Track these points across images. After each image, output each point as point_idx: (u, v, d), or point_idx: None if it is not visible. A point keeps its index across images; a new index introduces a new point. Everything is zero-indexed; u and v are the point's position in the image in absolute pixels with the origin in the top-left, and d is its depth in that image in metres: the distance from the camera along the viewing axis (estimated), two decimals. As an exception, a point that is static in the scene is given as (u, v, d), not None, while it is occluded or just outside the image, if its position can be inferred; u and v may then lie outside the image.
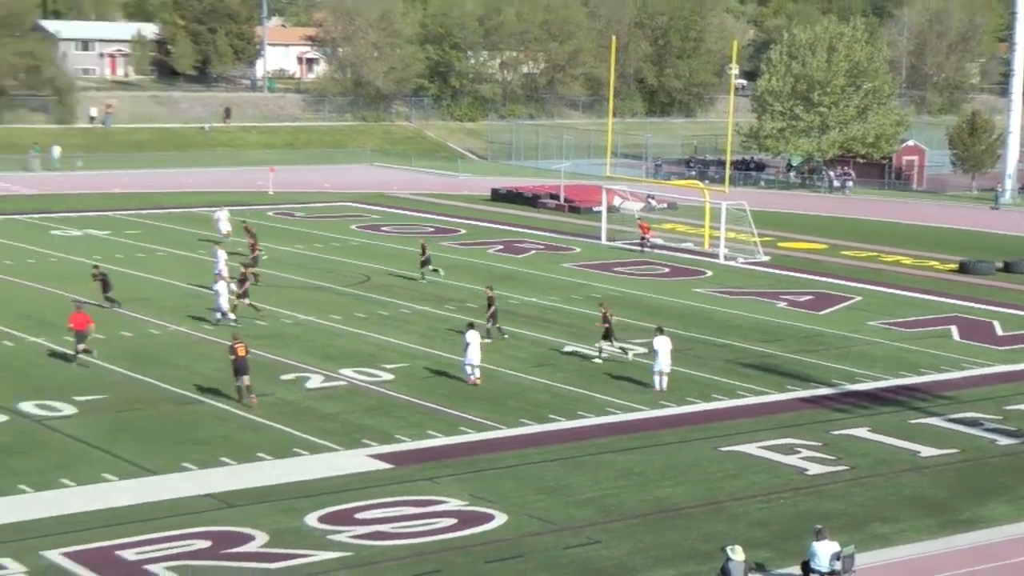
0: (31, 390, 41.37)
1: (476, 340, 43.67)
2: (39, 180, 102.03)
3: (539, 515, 31.75)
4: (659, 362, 43.61)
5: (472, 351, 43.51)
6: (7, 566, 27.72)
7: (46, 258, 66.03)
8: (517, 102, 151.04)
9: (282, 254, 69.14)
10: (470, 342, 43.50)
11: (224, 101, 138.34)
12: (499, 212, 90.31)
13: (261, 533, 29.97)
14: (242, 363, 40.58)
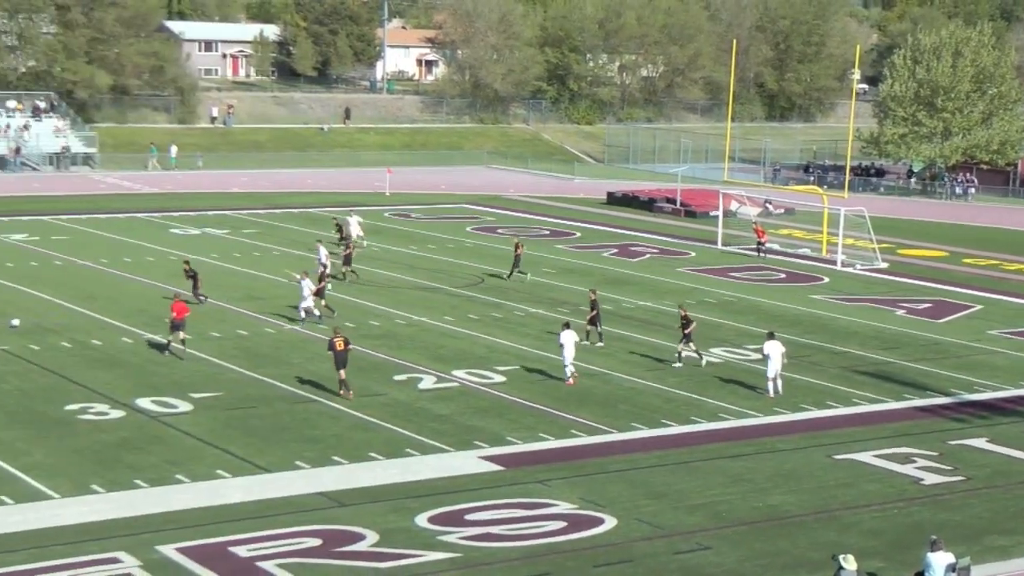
0: (148, 386, 41.87)
1: (571, 340, 43.80)
2: (159, 179, 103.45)
3: (649, 520, 31.55)
4: (771, 367, 43.29)
5: (567, 351, 43.75)
6: (122, 560, 28.01)
7: (165, 256, 66.86)
8: (635, 105, 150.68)
9: (397, 255, 69.48)
10: (564, 343, 43.80)
11: (343, 102, 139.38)
12: (614, 216, 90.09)
13: (372, 532, 30.05)
14: (341, 356, 40.99)
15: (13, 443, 35.72)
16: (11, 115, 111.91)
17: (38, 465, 33.99)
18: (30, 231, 73.55)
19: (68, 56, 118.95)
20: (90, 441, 36.19)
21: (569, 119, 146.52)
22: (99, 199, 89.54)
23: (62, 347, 46.78)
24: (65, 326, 49.96)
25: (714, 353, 49.12)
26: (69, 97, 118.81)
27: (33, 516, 30.37)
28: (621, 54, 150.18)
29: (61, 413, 38.75)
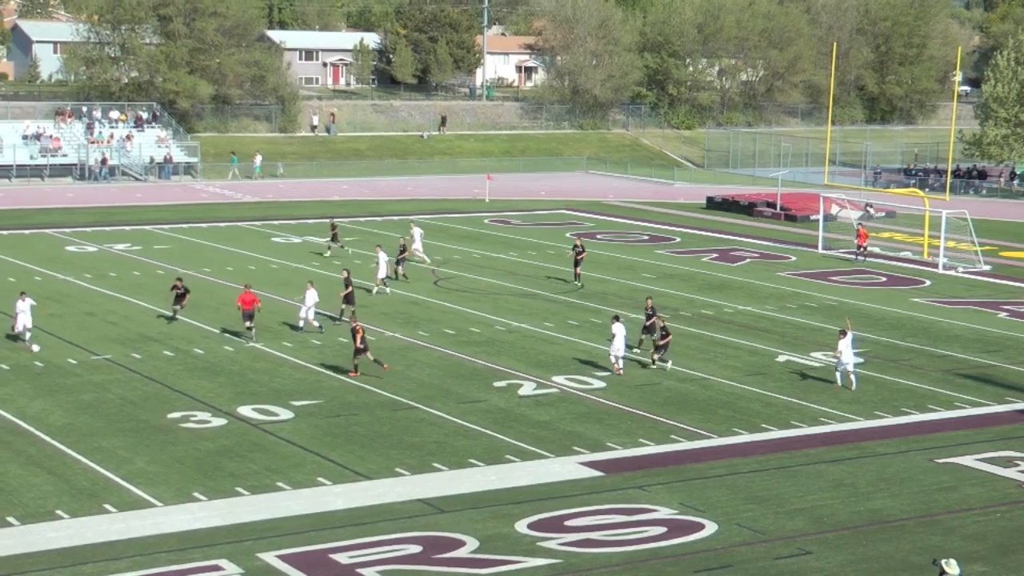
0: (249, 394, 42.16)
1: (621, 332, 45.15)
2: (260, 187, 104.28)
3: (749, 525, 31.28)
4: (843, 361, 43.80)
5: (617, 342, 45.09)
6: (225, 567, 28.18)
7: (267, 264, 67.35)
8: (735, 110, 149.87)
9: (497, 261, 69.54)
10: (616, 333, 45.11)
11: (443, 109, 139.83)
12: (714, 220, 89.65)
13: (471, 539, 30.02)
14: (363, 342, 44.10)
15: (116, 451, 36.10)
16: (114, 125, 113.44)
17: (141, 473, 34.31)
18: (132, 241, 74.43)
19: (170, 66, 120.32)
20: (192, 449, 36.49)
21: (668, 124, 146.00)
22: (201, 208, 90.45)
23: (164, 356, 47.24)
24: (167, 335, 50.44)
25: (815, 358, 48.67)
26: (171, 107, 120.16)
27: (136, 524, 30.65)
28: (720, 58, 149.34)
29: (163, 421, 39.12)
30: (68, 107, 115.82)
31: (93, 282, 61.35)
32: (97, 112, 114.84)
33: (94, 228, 79.10)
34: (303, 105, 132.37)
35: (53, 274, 63.20)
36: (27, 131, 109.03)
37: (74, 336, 49.58)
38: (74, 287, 60.17)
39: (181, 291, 51.91)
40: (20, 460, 35.18)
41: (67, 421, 38.85)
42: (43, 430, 37.88)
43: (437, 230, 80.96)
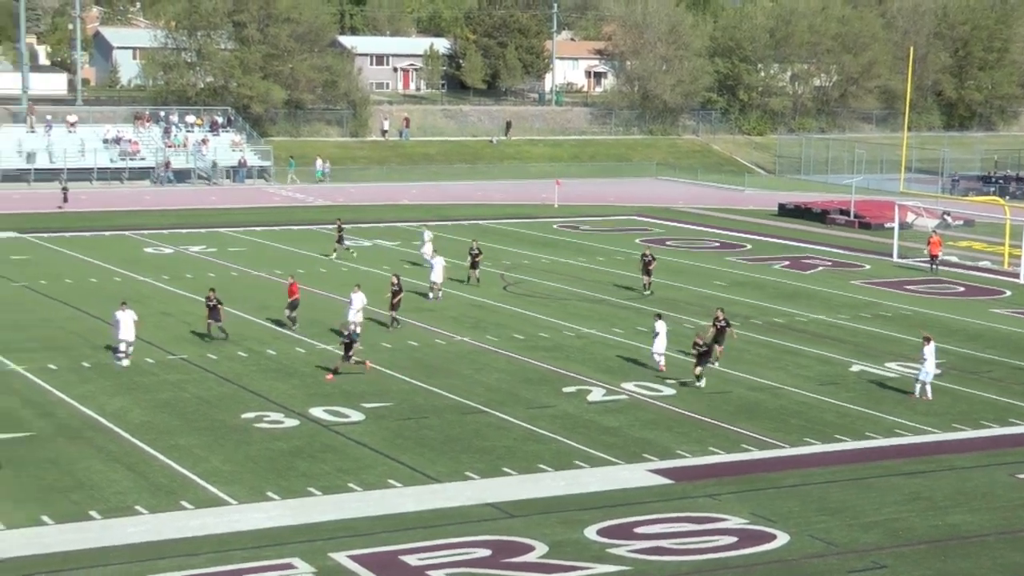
0: (321, 396, 42.48)
1: (663, 330, 46.33)
2: (332, 191, 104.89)
3: (822, 536, 31.18)
4: (925, 371, 43.59)
5: (659, 341, 46.08)
6: (297, 566, 28.46)
7: (337, 268, 67.77)
8: (807, 115, 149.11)
9: (565, 267, 69.65)
10: (658, 331, 46.09)
11: (512, 115, 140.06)
12: (786, 227, 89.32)
13: (541, 544, 30.11)
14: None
15: (192, 449, 36.52)
16: (190, 129, 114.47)
17: (216, 471, 34.70)
18: (208, 243, 75.13)
19: (244, 72, 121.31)
20: (265, 449, 36.84)
21: (739, 130, 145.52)
22: (273, 211, 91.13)
23: (238, 356, 47.68)
24: (241, 336, 50.88)
25: (890, 368, 48.45)
26: (245, 111, 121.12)
27: (212, 521, 31.01)
28: (793, 63, 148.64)
29: (237, 421, 39.51)
30: (146, 111, 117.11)
31: (170, 283, 62.01)
32: (174, 116, 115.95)
33: (171, 230, 79.91)
34: (374, 110, 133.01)
35: (131, 275, 63.95)
36: (107, 135, 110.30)
37: (152, 336, 50.09)
38: (151, 288, 60.84)
39: (214, 303, 49.48)
40: (101, 456, 35.70)
41: (145, 419, 39.34)
42: (123, 427, 38.41)
43: (506, 235, 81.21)
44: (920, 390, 43.96)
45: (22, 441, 36.91)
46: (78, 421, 39.07)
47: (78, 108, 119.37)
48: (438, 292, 59.35)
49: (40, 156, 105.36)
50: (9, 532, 29.97)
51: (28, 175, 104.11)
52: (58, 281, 61.78)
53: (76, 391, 42.26)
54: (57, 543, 29.31)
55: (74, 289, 59.92)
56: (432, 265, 59.47)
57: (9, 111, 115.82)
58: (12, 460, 35.15)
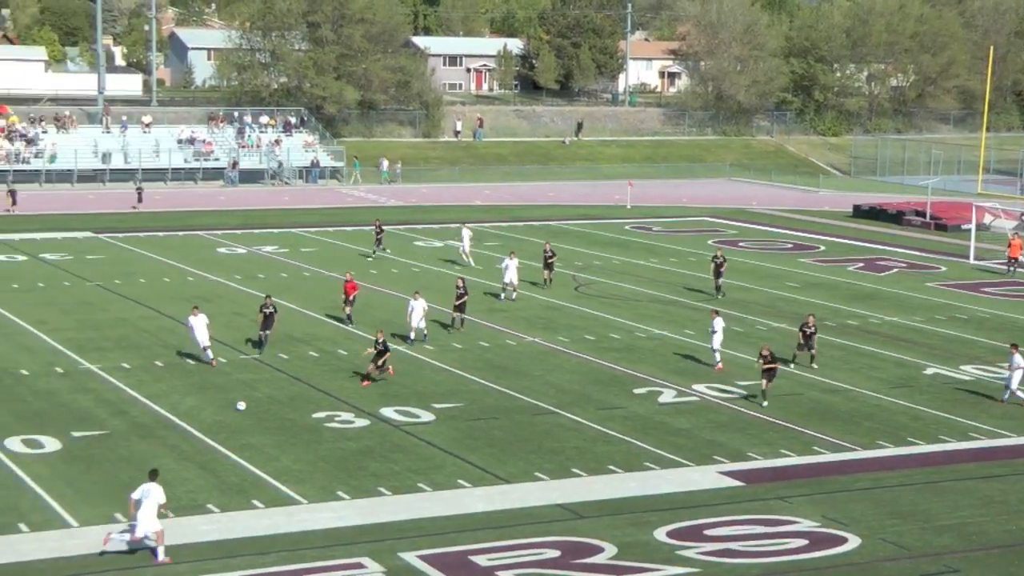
0: (392, 396, 42.56)
1: (720, 327, 47.03)
2: (404, 192, 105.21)
3: (894, 540, 30.91)
4: (1014, 379, 43.01)
5: (716, 338, 46.97)
6: (367, 566, 28.55)
7: (408, 268, 67.94)
8: (884, 116, 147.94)
9: (637, 268, 69.47)
10: (716, 330, 46.77)
11: (585, 115, 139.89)
12: (861, 229, 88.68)
13: (610, 545, 30.04)
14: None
15: (263, 448, 36.70)
16: (264, 130, 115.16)
17: (287, 471, 34.85)
18: (280, 243, 75.53)
19: (318, 72, 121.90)
20: (336, 448, 36.98)
21: (814, 130, 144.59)
22: (346, 212, 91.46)
23: (310, 356, 47.89)
24: (313, 336, 51.12)
25: (965, 371, 48.01)
26: (318, 112, 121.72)
27: (283, 520, 31.16)
28: (869, 63, 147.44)
29: (308, 421, 39.67)
30: (220, 112, 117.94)
31: (242, 283, 62.38)
32: (247, 117, 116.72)
33: (243, 231, 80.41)
34: (446, 110, 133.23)
35: (204, 275, 64.39)
36: (182, 135, 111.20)
37: (223, 336, 50.39)
38: (224, 288, 61.24)
39: (270, 310, 48.04)
40: (173, 455, 35.96)
41: (217, 418, 39.58)
42: (195, 426, 38.67)
43: (578, 236, 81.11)
44: (1009, 396, 43.35)
45: (97, 439, 37.26)
46: (151, 419, 39.39)
47: (153, 109, 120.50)
48: (512, 293, 59.34)
49: (115, 157, 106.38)
50: (82, 529, 30.26)
51: (103, 175, 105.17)
52: (132, 281, 62.32)
53: (149, 390, 42.60)
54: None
55: (148, 289, 60.41)
56: (507, 266, 59.36)
57: (85, 112, 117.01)
58: (87, 458, 35.52)
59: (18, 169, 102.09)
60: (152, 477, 29.33)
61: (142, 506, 28.64)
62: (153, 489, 28.86)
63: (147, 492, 28.79)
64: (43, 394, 41.94)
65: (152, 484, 29.00)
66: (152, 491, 28.82)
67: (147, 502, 28.65)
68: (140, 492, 28.80)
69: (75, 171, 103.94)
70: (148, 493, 28.77)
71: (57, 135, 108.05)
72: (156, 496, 28.79)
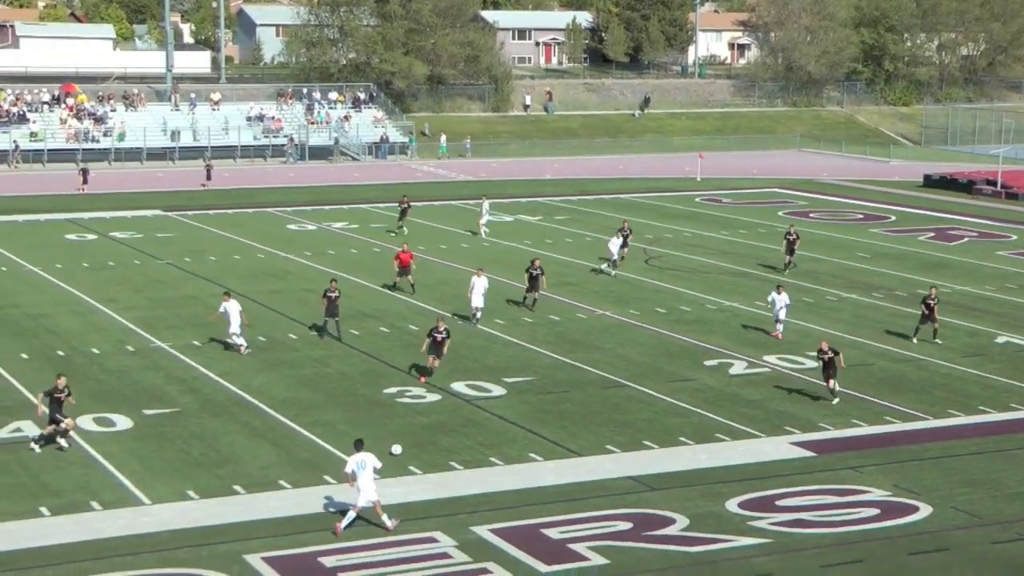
0: (462, 371, 42.75)
1: (783, 301, 47.10)
2: (474, 167, 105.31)
3: (965, 508, 30.84)
4: None
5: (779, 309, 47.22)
6: (439, 539, 28.74)
7: (479, 243, 68.10)
8: (954, 85, 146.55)
9: (708, 240, 69.33)
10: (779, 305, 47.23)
11: (654, 87, 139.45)
12: (931, 199, 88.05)
13: (682, 517, 30.11)
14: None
15: (335, 425, 36.99)
16: (333, 106, 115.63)
17: (359, 446, 35.08)
18: (350, 219, 75.87)
19: (386, 47, 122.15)
20: (407, 424, 37.22)
21: (885, 101, 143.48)
22: (415, 187, 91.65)
23: (380, 332, 48.16)
24: (384, 311, 51.41)
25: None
26: (387, 88, 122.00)
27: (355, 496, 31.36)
28: (939, 32, 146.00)
29: (380, 396, 39.93)
30: (289, 89, 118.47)
31: (312, 259, 62.75)
32: (316, 93, 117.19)
33: (313, 207, 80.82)
34: (516, 84, 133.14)
35: (275, 251, 64.81)
36: (251, 112, 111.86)
37: (294, 312, 50.84)
38: (294, 264, 61.64)
39: (336, 294, 46.59)
40: (245, 431, 36.32)
41: (289, 395, 39.92)
42: (266, 403, 38.99)
43: (648, 209, 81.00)
44: None
45: (168, 417, 37.66)
46: (222, 397, 39.77)
47: (222, 86, 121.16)
48: (614, 266, 59.15)
49: (184, 134, 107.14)
50: (155, 507, 30.63)
51: (172, 153, 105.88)
52: (202, 258, 62.82)
53: (220, 367, 42.98)
54: (202, 517, 29.92)
55: (218, 266, 60.91)
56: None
57: (154, 90, 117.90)
58: (158, 436, 35.91)
59: (87, 148, 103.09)
60: (359, 447, 29.71)
61: (360, 476, 29.17)
62: (367, 458, 29.38)
63: (362, 463, 29.30)
64: (114, 373, 42.41)
65: (365, 454, 29.47)
66: (367, 460, 29.35)
67: (364, 472, 29.18)
68: (354, 463, 29.34)
69: (144, 149, 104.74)
70: (364, 464, 29.29)
71: (126, 113, 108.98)
72: (372, 464, 29.33)
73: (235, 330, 44.85)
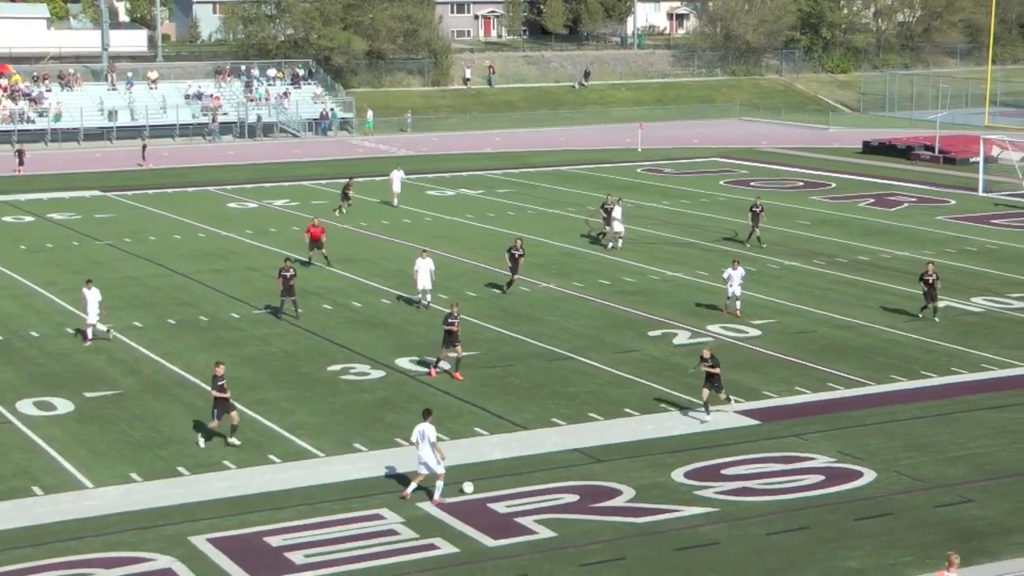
0: (406, 346, 42.65)
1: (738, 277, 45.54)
2: (415, 141, 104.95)
3: (909, 473, 31.07)
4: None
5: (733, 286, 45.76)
6: (386, 516, 28.70)
7: (421, 218, 67.93)
8: (891, 52, 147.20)
9: (650, 210, 69.38)
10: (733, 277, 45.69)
11: (594, 59, 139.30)
12: (870, 165, 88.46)
13: (628, 488, 30.18)
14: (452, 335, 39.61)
15: (279, 403, 36.85)
16: (272, 83, 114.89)
17: (303, 424, 35.01)
18: (291, 196, 75.47)
19: (324, 23, 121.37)
20: (352, 401, 37.12)
21: (823, 68, 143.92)
22: (357, 163, 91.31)
23: (324, 309, 47.97)
24: (327, 289, 51.19)
25: (976, 303, 48.02)
26: (326, 64, 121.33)
27: (300, 474, 31.34)
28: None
29: (324, 374, 39.80)
30: (227, 66, 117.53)
31: (254, 238, 62.40)
32: (255, 70, 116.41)
33: (254, 185, 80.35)
34: (455, 58, 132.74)
35: (216, 231, 64.40)
36: (189, 91, 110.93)
37: (236, 291, 50.58)
38: (236, 243, 61.28)
39: (291, 273, 46.02)
40: (188, 412, 36.12)
41: (232, 374, 39.39)
42: (209, 383, 38.64)
43: (590, 180, 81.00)
44: None
45: (110, 399, 37.41)
46: (165, 378, 39.53)
47: (159, 64, 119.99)
48: (618, 241, 58.99)
49: (121, 114, 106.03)
50: (98, 490, 30.45)
51: (110, 133, 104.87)
52: (142, 239, 62.32)
53: (162, 348, 42.72)
54: (147, 499, 29.76)
55: (158, 246, 60.42)
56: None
57: (90, 69, 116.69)
58: (100, 418, 35.68)
59: (23, 129, 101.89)
60: (426, 416, 29.83)
61: (421, 446, 29.30)
62: (427, 429, 29.47)
63: (422, 433, 29.43)
64: (54, 356, 42.06)
65: (425, 424, 29.57)
66: (426, 431, 29.45)
67: (424, 443, 29.30)
68: (416, 434, 29.51)
69: (81, 129, 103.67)
70: (423, 434, 29.41)
71: (62, 93, 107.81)
72: (431, 435, 29.47)
73: (92, 320, 43.61)
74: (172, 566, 26.35)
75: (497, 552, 27.01)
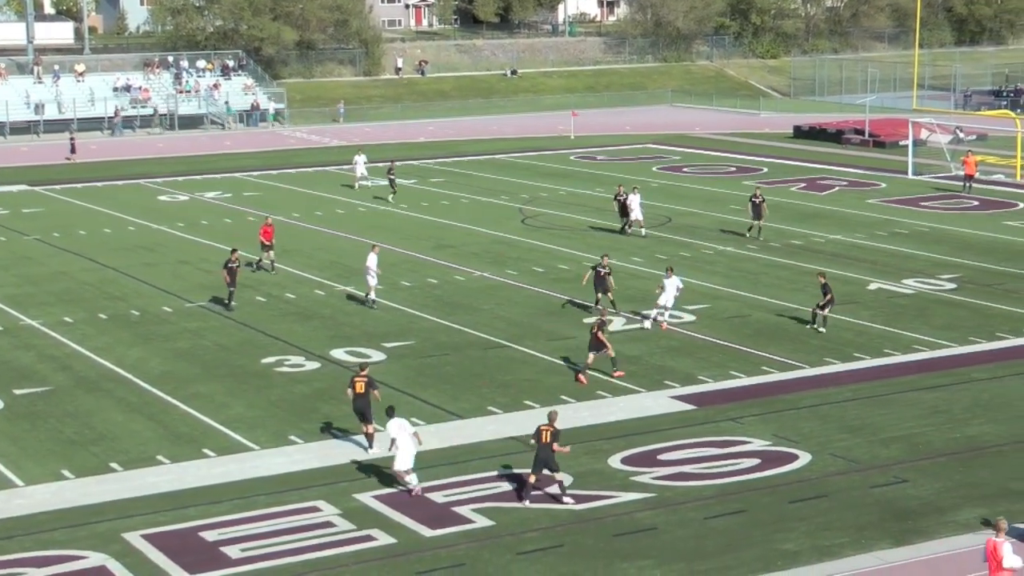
0: (342, 337, 42.49)
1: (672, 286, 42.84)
2: (347, 132, 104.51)
3: (843, 454, 31.26)
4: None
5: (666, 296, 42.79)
6: (322, 508, 28.56)
7: (354, 208, 67.68)
8: (820, 37, 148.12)
9: (584, 197, 69.43)
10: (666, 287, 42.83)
11: (525, 47, 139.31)
12: (802, 149, 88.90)
13: (565, 475, 30.10)
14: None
15: (213, 397, 36.60)
16: (201, 74, 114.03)
17: (238, 418, 34.78)
18: (223, 188, 74.99)
19: (254, 14, 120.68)
20: (287, 393, 36.93)
21: (753, 54, 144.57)
22: (289, 154, 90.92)
23: (257, 301, 47.67)
24: (260, 280, 50.88)
25: (907, 285, 48.36)
26: (256, 54, 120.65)
27: (235, 468, 31.13)
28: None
29: (258, 366, 39.56)
30: (156, 58, 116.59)
31: (186, 231, 61.94)
32: (184, 62, 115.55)
33: (185, 177, 79.72)
34: (386, 48, 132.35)
35: (146, 224, 63.88)
36: (117, 83, 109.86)
37: (168, 285, 50.20)
38: (167, 236, 60.80)
39: (236, 265, 46.16)
40: (121, 407, 35.80)
41: (165, 368, 39.40)
42: (142, 378, 38.45)
43: (523, 168, 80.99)
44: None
45: (40, 396, 37.01)
46: (96, 373, 39.14)
47: (86, 57, 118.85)
48: (639, 229, 58.63)
49: (49, 107, 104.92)
50: (29, 488, 30.12)
51: (37, 127, 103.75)
52: (71, 233, 61.72)
53: (93, 343, 42.31)
54: (79, 496, 29.46)
55: (88, 241, 59.88)
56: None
57: (15, 62, 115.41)
58: (30, 415, 35.29)
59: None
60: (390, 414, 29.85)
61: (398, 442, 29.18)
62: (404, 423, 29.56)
63: (401, 426, 29.37)
64: (-17, 353, 41.63)
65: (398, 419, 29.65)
66: (404, 424, 29.48)
67: (402, 436, 29.21)
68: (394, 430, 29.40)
69: (7, 123, 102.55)
70: (402, 427, 29.35)
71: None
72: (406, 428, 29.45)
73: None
74: (106, 563, 26.10)
75: (435, 542, 26.93)
